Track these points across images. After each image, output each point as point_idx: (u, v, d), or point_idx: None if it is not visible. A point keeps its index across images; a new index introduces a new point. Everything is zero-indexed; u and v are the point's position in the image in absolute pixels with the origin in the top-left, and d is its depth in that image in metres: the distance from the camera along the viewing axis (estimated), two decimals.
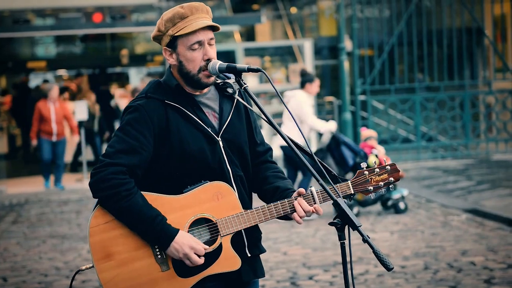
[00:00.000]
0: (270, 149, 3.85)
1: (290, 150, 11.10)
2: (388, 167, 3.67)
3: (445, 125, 17.08)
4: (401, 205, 11.48)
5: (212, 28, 3.57)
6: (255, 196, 3.80)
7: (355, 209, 11.38)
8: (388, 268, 3.28)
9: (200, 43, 3.54)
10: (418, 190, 13.29)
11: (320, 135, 11.67)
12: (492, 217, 10.64)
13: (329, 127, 11.37)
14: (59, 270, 8.82)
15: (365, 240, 3.27)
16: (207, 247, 3.49)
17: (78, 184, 15.96)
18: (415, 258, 8.54)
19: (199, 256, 3.47)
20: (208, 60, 3.54)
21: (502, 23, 17.57)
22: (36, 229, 11.60)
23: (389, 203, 11.57)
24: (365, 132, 11.98)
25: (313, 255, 9.02)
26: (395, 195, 11.47)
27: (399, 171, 3.68)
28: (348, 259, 3.37)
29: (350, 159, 11.17)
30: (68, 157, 16.98)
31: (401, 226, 10.53)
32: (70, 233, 11.14)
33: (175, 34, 3.53)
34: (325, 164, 3.62)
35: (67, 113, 15.75)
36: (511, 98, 17.24)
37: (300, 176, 11.73)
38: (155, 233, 3.42)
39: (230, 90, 3.65)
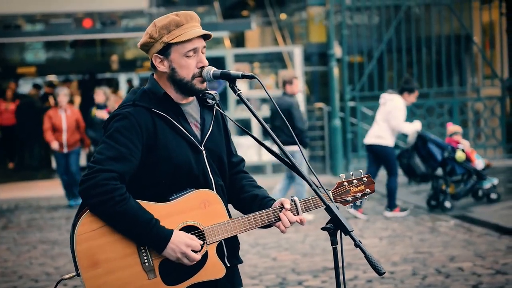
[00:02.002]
0: (243, 160, 3.90)
1: (376, 147, 11.60)
2: (365, 179, 3.78)
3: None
4: (493, 195, 11.77)
5: (204, 37, 3.62)
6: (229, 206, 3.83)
7: (447, 204, 11.62)
8: (380, 273, 3.31)
9: (195, 50, 3.57)
10: (406, 196, 13.36)
11: (405, 135, 11.95)
12: (480, 223, 10.70)
13: (415, 127, 11.67)
14: (49, 276, 8.83)
15: (357, 245, 3.29)
16: (201, 242, 3.50)
17: None
18: (403, 264, 8.58)
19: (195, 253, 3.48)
20: (202, 68, 3.58)
21: (491, 30, 17.68)
22: (27, 235, 11.59)
23: (480, 193, 11.81)
24: (451, 128, 12.28)
25: (302, 260, 9.05)
26: (486, 185, 11.77)
27: (374, 183, 3.80)
28: (340, 264, 3.38)
29: (438, 154, 11.56)
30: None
31: (389, 232, 10.58)
32: (61, 238, 11.14)
33: (170, 41, 3.54)
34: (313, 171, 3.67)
35: (81, 123, 14.24)
36: (499, 104, 17.34)
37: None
38: (151, 237, 3.42)
39: (210, 101, 3.68)
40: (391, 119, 11.50)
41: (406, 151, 11.84)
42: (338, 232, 3.38)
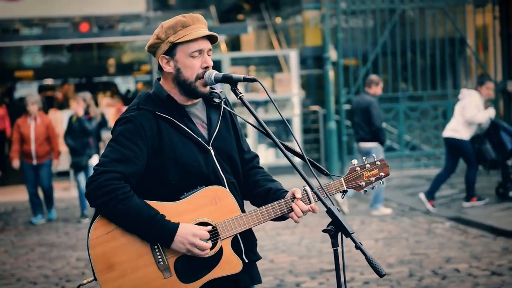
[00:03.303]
0: (257, 156, 3.93)
1: (451, 140, 11.83)
2: (378, 163, 3.78)
3: (428, 134, 17.24)
4: None
5: (211, 40, 3.67)
6: (246, 202, 3.88)
7: None
8: (381, 275, 3.34)
9: (201, 51, 3.61)
10: (401, 198, 13.43)
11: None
12: (475, 225, 10.78)
13: (489, 114, 11.98)
14: (48, 278, 8.87)
15: (357, 247, 3.33)
16: (209, 228, 3.53)
17: (65, 193, 15.96)
18: (400, 266, 8.65)
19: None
20: (206, 68, 3.62)
21: (484, 33, 17.78)
22: (24, 238, 11.63)
23: None
24: None
25: (299, 262, 9.11)
26: None
27: (388, 166, 3.77)
28: (341, 265, 3.41)
29: (509, 143, 11.88)
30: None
31: (385, 233, 10.64)
32: (58, 241, 11.18)
33: (176, 41, 3.59)
34: (317, 164, 3.71)
35: (50, 132, 13.00)
36: (493, 107, 17.42)
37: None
38: (157, 231, 3.46)
39: (216, 100, 3.72)
40: (465, 112, 11.88)
41: (478, 137, 12.17)
42: (339, 234, 3.41)
